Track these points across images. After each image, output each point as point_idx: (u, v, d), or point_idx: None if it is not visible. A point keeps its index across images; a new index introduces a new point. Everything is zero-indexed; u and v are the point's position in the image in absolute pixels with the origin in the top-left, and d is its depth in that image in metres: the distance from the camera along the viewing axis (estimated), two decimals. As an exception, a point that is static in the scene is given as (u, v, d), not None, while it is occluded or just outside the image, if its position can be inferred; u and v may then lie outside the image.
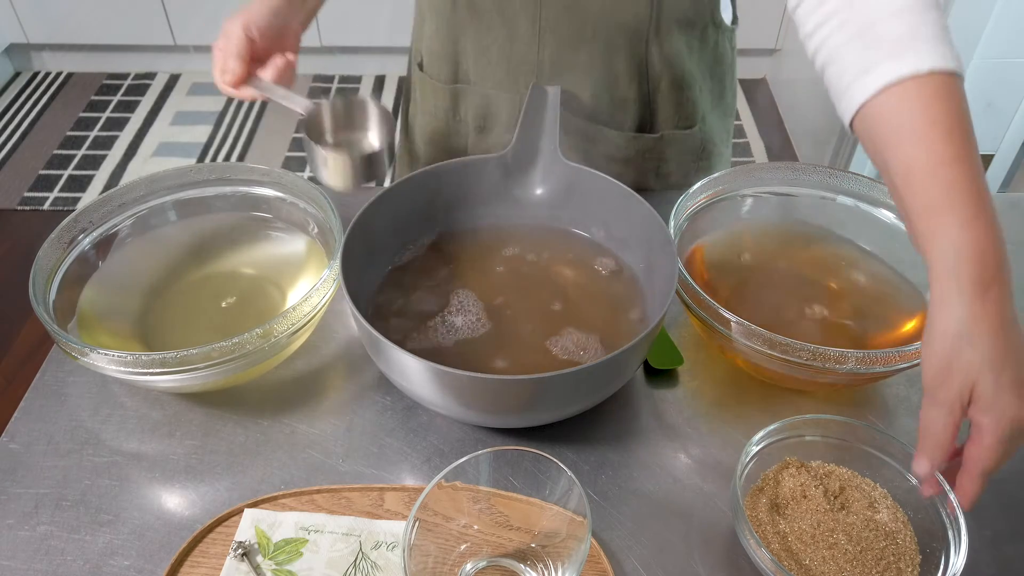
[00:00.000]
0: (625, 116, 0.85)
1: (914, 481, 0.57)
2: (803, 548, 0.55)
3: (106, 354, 0.58)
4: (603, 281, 0.72)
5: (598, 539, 0.57)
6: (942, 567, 0.53)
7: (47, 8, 2.55)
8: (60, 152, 2.43)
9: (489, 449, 0.53)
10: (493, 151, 0.74)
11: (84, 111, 2.60)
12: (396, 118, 0.76)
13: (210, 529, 0.57)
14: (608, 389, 0.61)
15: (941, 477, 0.54)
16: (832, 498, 0.57)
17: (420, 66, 0.90)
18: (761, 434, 0.58)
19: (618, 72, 0.81)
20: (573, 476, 0.51)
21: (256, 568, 0.55)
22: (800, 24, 0.59)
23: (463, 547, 0.55)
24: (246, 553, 0.55)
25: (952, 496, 0.53)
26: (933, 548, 0.55)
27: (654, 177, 0.90)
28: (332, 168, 0.70)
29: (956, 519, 0.53)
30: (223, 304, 0.71)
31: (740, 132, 2.50)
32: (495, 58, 0.82)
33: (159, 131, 2.52)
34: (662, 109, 0.85)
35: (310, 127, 0.70)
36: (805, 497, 0.57)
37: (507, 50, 0.81)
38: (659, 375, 0.69)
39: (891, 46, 0.52)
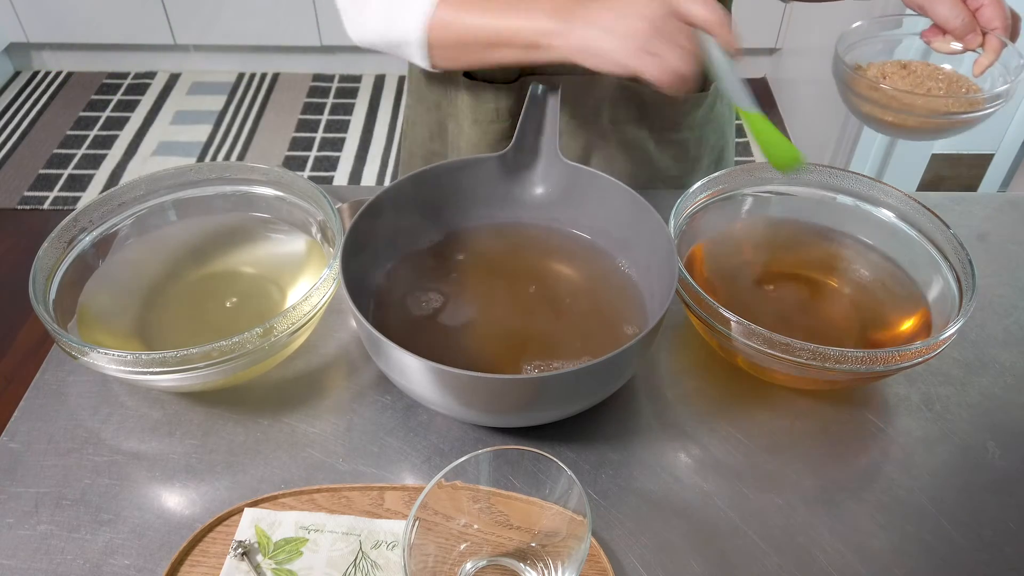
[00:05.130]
0: None
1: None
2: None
3: (106, 354, 0.58)
4: (603, 281, 0.72)
5: (598, 538, 0.57)
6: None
7: (47, 7, 2.55)
8: (60, 151, 2.43)
9: (489, 448, 0.53)
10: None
11: (84, 110, 2.60)
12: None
13: (210, 528, 0.57)
14: (608, 389, 0.61)
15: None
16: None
17: (469, 75, 0.85)
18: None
19: None
20: (573, 475, 0.51)
21: (256, 567, 0.55)
22: None
23: (463, 546, 0.55)
24: (246, 552, 0.55)
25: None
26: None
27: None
28: None
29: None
30: (223, 304, 0.71)
31: (740, 131, 2.49)
32: None
33: (159, 130, 2.52)
34: None
35: None
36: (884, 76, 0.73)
37: None
38: None
39: None
